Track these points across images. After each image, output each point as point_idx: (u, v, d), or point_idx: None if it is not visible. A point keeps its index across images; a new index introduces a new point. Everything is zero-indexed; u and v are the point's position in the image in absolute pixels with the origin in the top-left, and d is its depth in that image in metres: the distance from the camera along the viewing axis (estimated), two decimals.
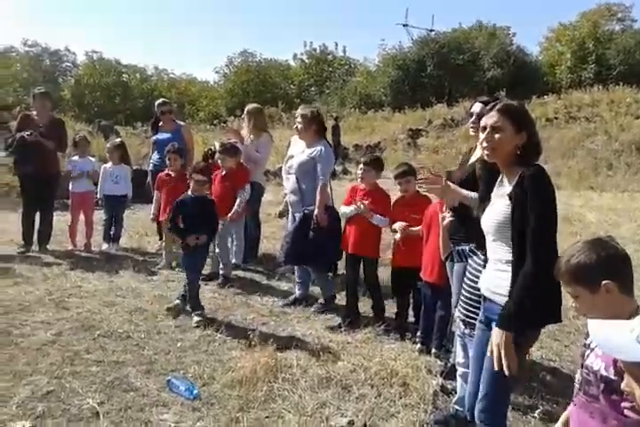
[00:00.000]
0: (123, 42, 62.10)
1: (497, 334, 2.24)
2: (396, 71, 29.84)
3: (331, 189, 4.96)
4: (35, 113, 6.54)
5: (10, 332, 4.04)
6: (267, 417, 3.08)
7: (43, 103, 6.54)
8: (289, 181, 5.08)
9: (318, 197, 4.75)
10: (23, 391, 3.22)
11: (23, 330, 4.10)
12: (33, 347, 3.81)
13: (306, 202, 4.87)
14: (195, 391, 3.29)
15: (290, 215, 5.23)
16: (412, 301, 4.45)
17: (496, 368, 2.24)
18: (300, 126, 4.91)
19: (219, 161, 5.60)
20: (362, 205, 4.37)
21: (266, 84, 34.22)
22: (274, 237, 7.11)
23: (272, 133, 6.47)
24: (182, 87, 35.42)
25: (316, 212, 4.72)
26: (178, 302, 4.67)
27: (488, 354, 2.33)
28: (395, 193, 4.53)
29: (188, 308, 4.59)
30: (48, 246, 6.50)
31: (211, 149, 6.21)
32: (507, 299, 2.25)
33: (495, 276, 2.39)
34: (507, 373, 2.21)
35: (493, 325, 2.31)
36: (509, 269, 2.29)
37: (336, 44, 37.08)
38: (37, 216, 6.49)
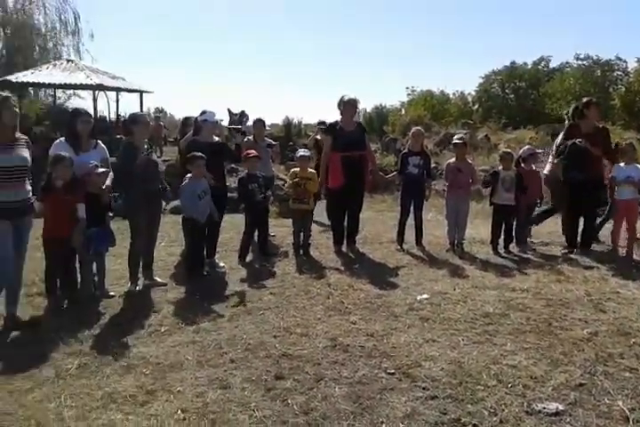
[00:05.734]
0: None
1: None
2: None
3: None
4: (582, 122, 6.70)
5: (550, 323, 4.33)
6: None
7: (595, 113, 6.65)
8: None
9: None
10: (558, 378, 3.42)
11: (562, 323, 4.31)
12: (569, 340, 3.97)
13: None
14: None
15: None
16: None
17: None
18: None
19: None
20: None
21: None
22: None
23: None
24: None
25: None
26: None
27: None
28: None
29: None
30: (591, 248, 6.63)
31: None
32: None
33: None
34: None
35: None
36: None
37: None
38: (581, 220, 6.69)
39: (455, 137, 7.78)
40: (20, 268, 4.39)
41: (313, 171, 6.84)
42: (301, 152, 6.87)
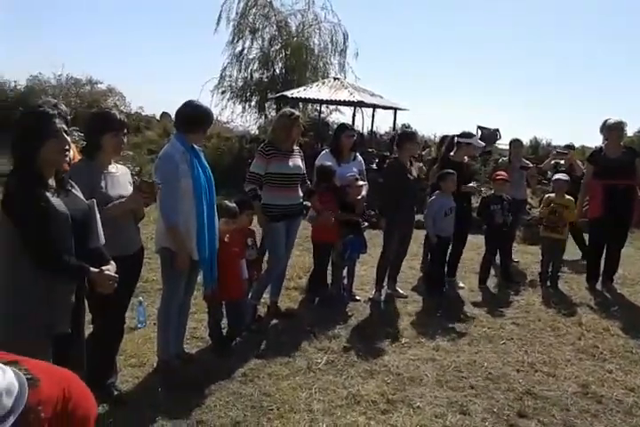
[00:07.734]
0: None
1: None
2: None
3: None
4: None
5: None
6: None
7: None
8: None
9: None
10: None
11: None
12: None
13: None
14: None
15: None
16: None
17: None
18: None
19: None
20: None
21: None
22: None
23: None
24: None
25: None
26: None
27: None
28: None
29: None
30: None
31: None
32: None
33: None
34: None
35: None
36: None
37: None
38: None
39: None
40: (286, 263, 4.88)
41: (570, 198, 6.28)
42: (559, 176, 6.33)
